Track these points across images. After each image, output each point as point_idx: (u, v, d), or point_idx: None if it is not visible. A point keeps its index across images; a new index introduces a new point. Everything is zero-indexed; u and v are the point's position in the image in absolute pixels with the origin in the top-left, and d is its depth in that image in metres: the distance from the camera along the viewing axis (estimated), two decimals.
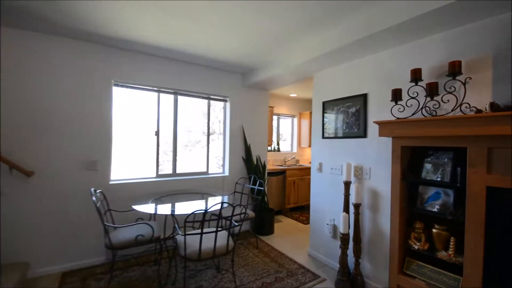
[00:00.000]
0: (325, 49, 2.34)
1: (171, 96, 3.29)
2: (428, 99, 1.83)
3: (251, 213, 2.99)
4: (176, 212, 2.14)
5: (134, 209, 2.20)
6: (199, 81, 3.38)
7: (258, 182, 3.18)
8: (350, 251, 2.42)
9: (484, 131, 1.51)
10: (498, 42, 1.57)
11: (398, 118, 1.94)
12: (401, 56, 2.11)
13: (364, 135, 2.37)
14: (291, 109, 5.62)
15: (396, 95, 1.96)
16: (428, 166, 1.95)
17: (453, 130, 1.63)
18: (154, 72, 3.04)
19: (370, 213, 2.32)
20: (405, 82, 2.02)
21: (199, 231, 1.93)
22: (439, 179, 1.87)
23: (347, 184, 2.41)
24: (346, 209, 2.42)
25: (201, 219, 1.83)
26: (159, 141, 3.20)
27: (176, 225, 2.13)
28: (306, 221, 4.23)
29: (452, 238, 1.79)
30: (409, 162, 2.05)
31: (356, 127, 2.44)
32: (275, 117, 5.41)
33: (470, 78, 1.64)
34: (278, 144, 5.45)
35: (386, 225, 2.19)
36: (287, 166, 5.05)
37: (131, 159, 3.10)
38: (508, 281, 1.53)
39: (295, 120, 5.75)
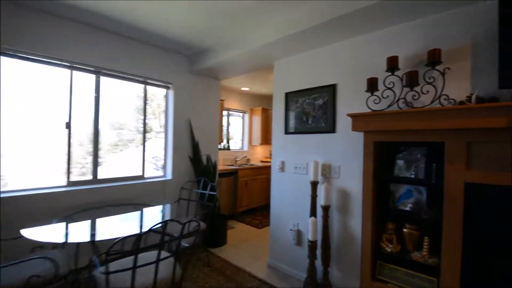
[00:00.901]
0: (289, 30, 2.03)
1: (92, 77, 2.48)
2: (406, 89, 1.69)
3: (202, 225, 2.47)
4: (98, 237, 1.48)
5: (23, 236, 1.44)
6: (134, 60, 2.66)
7: (209, 186, 2.68)
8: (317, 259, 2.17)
9: (468, 124, 1.40)
10: (477, 31, 1.51)
11: (373, 110, 1.75)
12: (374, 43, 1.94)
13: (332, 130, 2.15)
14: (243, 104, 5.24)
15: (373, 84, 1.77)
16: (400, 162, 1.82)
17: (435, 123, 1.50)
18: (67, 41, 2.21)
19: (340, 215, 2.12)
20: (379, 72, 1.86)
21: (131, 261, 1.34)
22: (412, 176, 1.75)
23: (314, 185, 2.16)
24: (313, 212, 2.16)
25: (135, 246, 1.26)
26: (71, 137, 2.36)
27: (95, 258, 1.47)
28: (260, 225, 3.91)
29: (426, 238, 1.68)
30: (380, 159, 1.90)
31: (323, 121, 2.21)
32: (225, 112, 4.94)
33: (449, 68, 1.55)
34: (228, 142, 5.00)
35: (357, 228, 2.01)
36: (239, 165, 4.65)
37: (29, 161, 2.19)
38: (487, 281, 1.48)
39: (246, 116, 5.40)
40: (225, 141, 4.95)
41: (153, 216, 2.18)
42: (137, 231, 1.70)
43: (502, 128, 1.35)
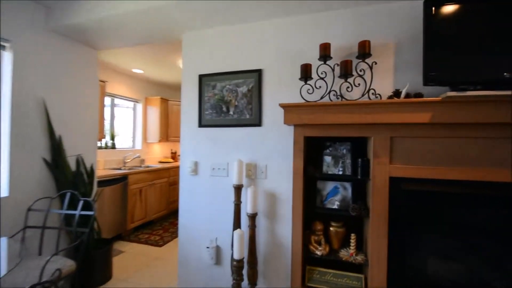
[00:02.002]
0: None
1: None
2: (338, 81, 1.58)
3: (68, 265, 1.58)
4: None
5: None
6: None
7: (81, 203, 1.78)
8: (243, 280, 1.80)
9: (397, 119, 1.40)
10: (402, 28, 1.57)
11: (308, 101, 1.55)
12: (306, 27, 1.76)
13: (258, 123, 1.83)
14: (134, 90, 4.19)
15: (307, 72, 1.57)
16: (328, 159, 1.72)
17: (368, 117, 1.44)
18: None
19: (267, 222, 1.83)
20: (309, 60, 1.69)
21: None
22: (340, 172, 1.68)
23: (238, 189, 1.77)
24: (237, 223, 1.77)
25: None
26: None
27: None
28: (162, 241, 3.16)
29: (352, 234, 1.64)
30: (309, 156, 1.75)
31: (248, 112, 1.86)
32: (108, 100, 3.76)
33: (375, 63, 1.54)
34: (113, 138, 3.85)
35: (287, 233, 1.78)
36: (129, 169, 3.65)
37: None
38: (410, 272, 1.55)
39: (139, 106, 4.37)
40: (108, 138, 3.79)
41: None
42: None
43: (424, 124, 1.42)
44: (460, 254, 1.50)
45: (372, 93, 1.53)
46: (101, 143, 3.63)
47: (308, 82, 1.59)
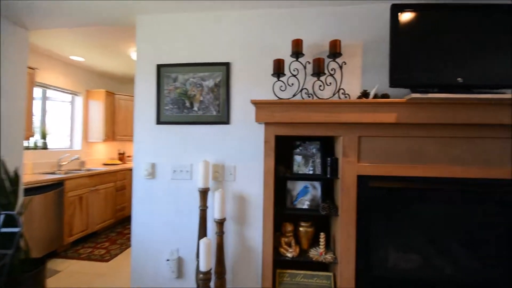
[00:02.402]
0: None
1: None
2: (309, 79, 1.55)
3: None
4: None
5: None
6: None
7: (2, 218, 1.40)
8: None
9: (366, 118, 1.43)
10: (369, 31, 1.61)
11: (281, 99, 1.49)
12: (277, 21, 1.68)
13: (226, 120, 1.70)
14: (72, 81, 3.59)
15: (280, 67, 1.50)
16: (298, 158, 1.69)
17: (340, 116, 1.44)
18: None
19: (236, 227, 1.71)
20: (282, 55, 1.62)
21: None
22: (311, 171, 1.66)
23: (203, 193, 1.61)
24: (203, 230, 1.61)
25: None
26: None
27: None
28: (108, 255, 2.76)
29: (322, 233, 1.64)
30: (279, 155, 1.69)
31: (215, 108, 1.71)
32: (39, 92, 3.13)
33: (345, 63, 1.56)
34: (44, 136, 3.23)
35: (257, 237, 1.69)
36: (66, 173, 3.10)
37: None
38: (375, 265, 1.61)
39: (79, 100, 3.77)
40: (38, 136, 3.17)
41: None
42: None
43: (390, 124, 1.48)
44: (418, 245, 1.62)
45: (342, 93, 1.55)
46: (29, 142, 3.00)
47: (280, 79, 1.52)
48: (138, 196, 1.79)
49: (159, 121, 1.75)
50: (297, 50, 1.49)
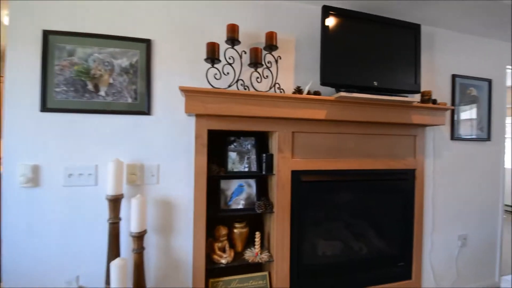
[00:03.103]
0: None
1: None
2: (246, 69, 1.43)
3: None
4: None
5: None
6: None
7: None
8: None
9: (301, 114, 1.44)
10: (302, 29, 1.62)
11: (216, 88, 1.32)
12: (213, 2, 1.48)
13: (147, 110, 1.39)
14: None
15: (214, 52, 1.31)
16: (233, 155, 1.57)
17: (278, 110, 1.40)
18: None
19: (161, 238, 1.43)
20: (215, 40, 1.44)
21: None
22: (246, 169, 1.57)
23: (115, 202, 1.27)
24: (114, 248, 1.27)
25: None
26: None
27: None
28: None
29: (257, 233, 1.57)
30: (212, 152, 1.53)
31: (131, 94, 1.37)
32: None
33: (280, 57, 1.52)
34: None
35: (186, 248, 1.46)
36: None
37: None
38: (307, 257, 1.64)
39: None
40: None
41: None
42: None
43: (319, 120, 1.54)
44: (341, 232, 1.77)
45: (278, 87, 1.51)
46: None
47: (215, 66, 1.34)
48: (11, 213, 1.25)
49: (45, 108, 1.27)
50: (232, 36, 1.35)
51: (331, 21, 1.46)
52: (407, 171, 1.81)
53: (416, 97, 1.63)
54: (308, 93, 1.49)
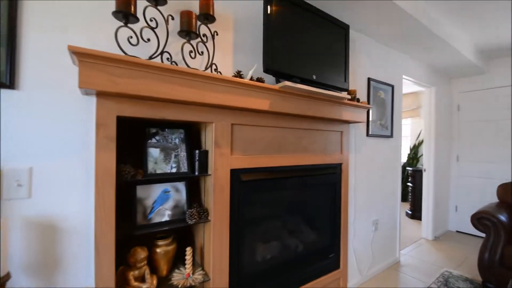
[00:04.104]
0: None
1: None
2: (174, 40, 1.10)
3: None
4: None
5: None
6: None
7: None
8: None
9: (243, 102, 1.22)
10: (243, 9, 1.39)
11: (129, 55, 0.94)
12: None
13: (9, 81, 0.86)
14: None
15: (129, 4, 0.92)
16: (155, 152, 1.21)
17: (215, 96, 1.14)
18: None
19: (38, 282, 0.92)
20: None
21: None
22: (174, 169, 1.24)
23: None
24: None
25: None
26: None
27: None
28: None
29: (188, 249, 1.27)
30: (123, 148, 1.14)
31: None
32: None
33: (217, 33, 1.26)
34: None
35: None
36: None
37: None
38: (247, 264, 1.43)
39: None
40: None
41: None
42: None
43: (259, 112, 1.36)
44: (279, 232, 1.65)
45: (215, 69, 1.25)
46: None
47: (130, 25, 0.96)
48: None
49: None
50: None
51: (274, 4, 1.31)
52: (336, 165, 1.87)
53: (344, 95, 1.69)
54: (251, 79, 1.29)
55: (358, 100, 1.86)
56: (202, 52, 1.19)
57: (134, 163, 1.13)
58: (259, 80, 1.30)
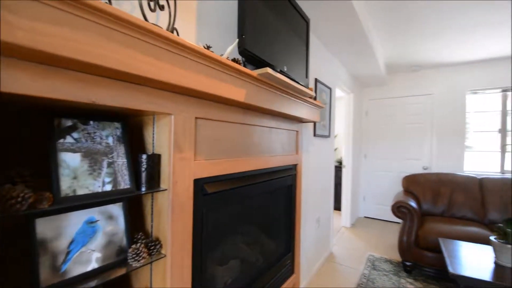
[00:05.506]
0: None
1: None
2: None
3: None
4: None
5: None
6: None
7: None
8: None
9: (218, 89, 0.90)
10: None
11: None
12: None
13: None
14: None
15: None
16: (72, 159, 0.73)
17: (178, 71, 0.77)
18: None
19: None
20: None
21: None
22: (107, 186, 0.78)
23: None
24: None
25: None
26: None
27: None
28: None
29: None
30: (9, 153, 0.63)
31: None
32: None
33: None
34: None
35: None
36: None
37: None
38: None
39: None
40: None
41: None
42: None
43: (234, 104, 1.06)
44: (241, 249, 1.39)
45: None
46: None
47: None
48: None
49: None
50: None
51: None
52: (293, 167, 1.77)
53: (311, 92, 1.60)
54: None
55: (314, 99, 1.81)
56: (163, 7, 0.79)
57: (33, 181, 0.63)
58: (235, 61, 1.00)
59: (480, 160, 3.43)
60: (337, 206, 4.23)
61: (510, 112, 3.24)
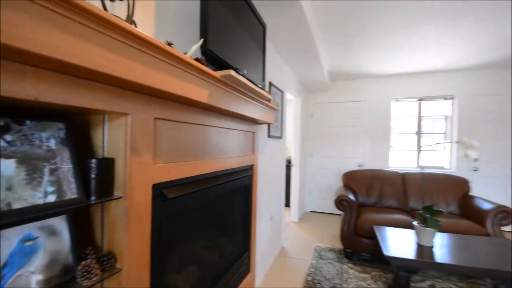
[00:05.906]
0: None
1: None
2: None
3: None
4: None
5: None
6: None
7: None
8: None
9: (180, 89, 0.86)
10: None
11: None
12: None
13: None
14: None
15: None
16: (6, 166, 0.61)
17: (137, 67, 0.72)
18: None
19: None
20: None
21: None
22: (51, 197, 0.68)
23: None
24: None
25: None
26: None
27: None
28: None
29: None
30: None
31: None
32: None
33: None
34: None
35: None
36: None
37: None
38: None
39: None
40: None
41: None
42: None
43: (194, 105, 1.03)
44: (201, 255, 1.35)
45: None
46: None
47: None
48: None
49: None
50: None
51: None
52: (249, 167, 1.80)
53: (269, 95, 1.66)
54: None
55: (269, 101, 1.89)
56: None
57: None
58: (199, 61, 0.97)
59: (401, 158, 4.10)
60: (287, 203, 4.47)
61: (424, 118, 3.96)
